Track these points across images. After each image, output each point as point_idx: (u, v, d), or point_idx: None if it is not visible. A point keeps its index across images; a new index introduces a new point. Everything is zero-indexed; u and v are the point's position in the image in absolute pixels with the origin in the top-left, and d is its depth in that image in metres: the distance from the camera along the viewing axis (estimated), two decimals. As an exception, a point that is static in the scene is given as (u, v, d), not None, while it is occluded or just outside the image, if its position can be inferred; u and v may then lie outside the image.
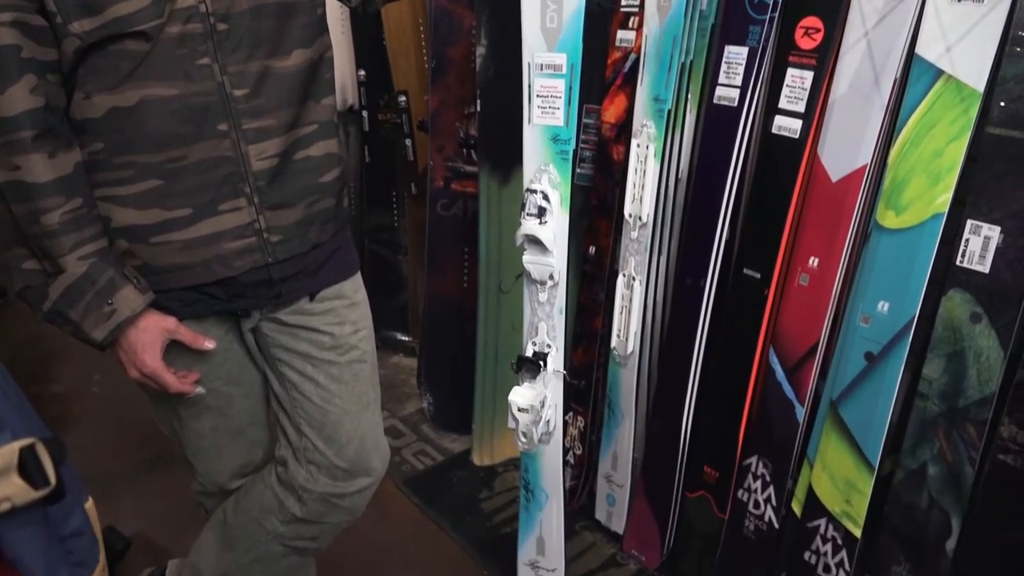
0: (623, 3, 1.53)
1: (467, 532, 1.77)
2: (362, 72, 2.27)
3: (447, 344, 2.09)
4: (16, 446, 0.50)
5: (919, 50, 1.15)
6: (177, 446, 1.22)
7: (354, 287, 1.19)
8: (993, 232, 1.13)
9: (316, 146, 1.08)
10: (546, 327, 1.29)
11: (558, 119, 1.20)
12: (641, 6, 1.47)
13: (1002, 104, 1.11)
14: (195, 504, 1.32)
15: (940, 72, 1.13)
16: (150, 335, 1.02)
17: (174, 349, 1.07)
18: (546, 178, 1.22)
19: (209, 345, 1.07)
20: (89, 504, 0.69)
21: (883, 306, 1.21)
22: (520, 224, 1.23)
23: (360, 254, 2.31)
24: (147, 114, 0.95)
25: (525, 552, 1.49)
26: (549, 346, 1.29)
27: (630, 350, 1.54)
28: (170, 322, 1.03)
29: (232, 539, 1.23)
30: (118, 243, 1.01)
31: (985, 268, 1.14)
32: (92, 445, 2.11)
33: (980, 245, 1.14)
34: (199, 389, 1.10)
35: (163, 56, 0.94)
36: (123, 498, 1.88)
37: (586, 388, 1.73)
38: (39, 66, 0.92)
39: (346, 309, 1.17)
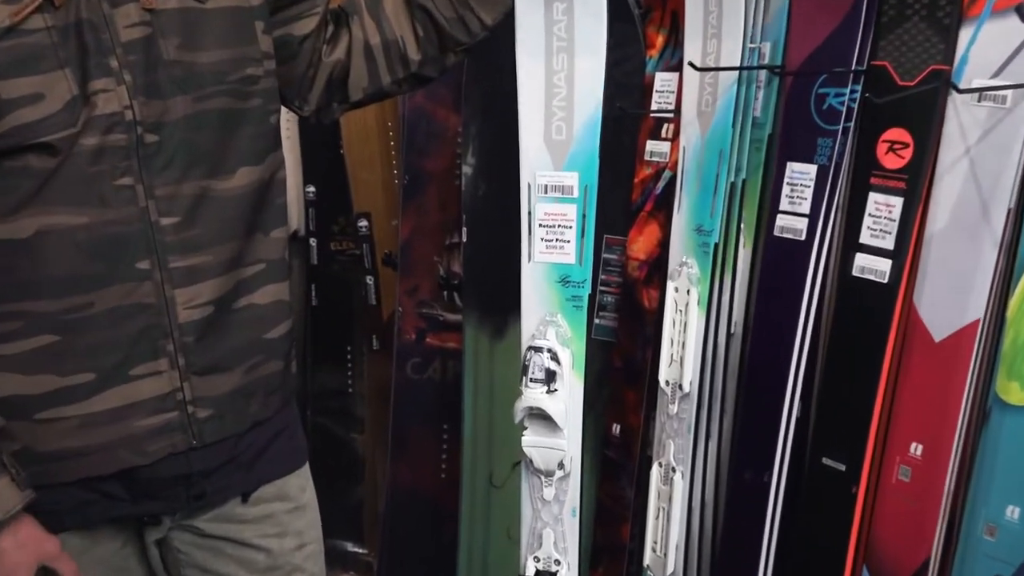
0: (653, 106, 1.62)
1: None
2: (311, 188, 2.34)
3: (416, 558, 2.06)
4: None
5: (1037, 169, 1.20)
6: None
7: (301, 484, 1.22)
8: None
9: (262, 291, 1.13)
10: (553, 535, 1.30)
11: (568, 256, 1.25)
12: (677, 110, 1.55)
13: None
14: None
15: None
16: (25, 555, 1.01)
17: None
18: (554, 332, 1.26)
19: None
20: None
21: (1013, 512, 1.21)
22: (520, 394, 1.25)
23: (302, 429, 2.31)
24: (47, 249, 0.99)
25: None
26: (558, 562, 1.30)
27: (670, 570, 1.53)
28: (51, 545, 1.03)
29: None
30: None
31: None
32: None
33: None
34: None
35: (73, 175, 0.99)
36: None
37: (610, 623, 1.71)
38: None
39: (289, 515, 1.19)
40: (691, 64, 1.45)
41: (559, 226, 1.26)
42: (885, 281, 1.33)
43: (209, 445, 1.11)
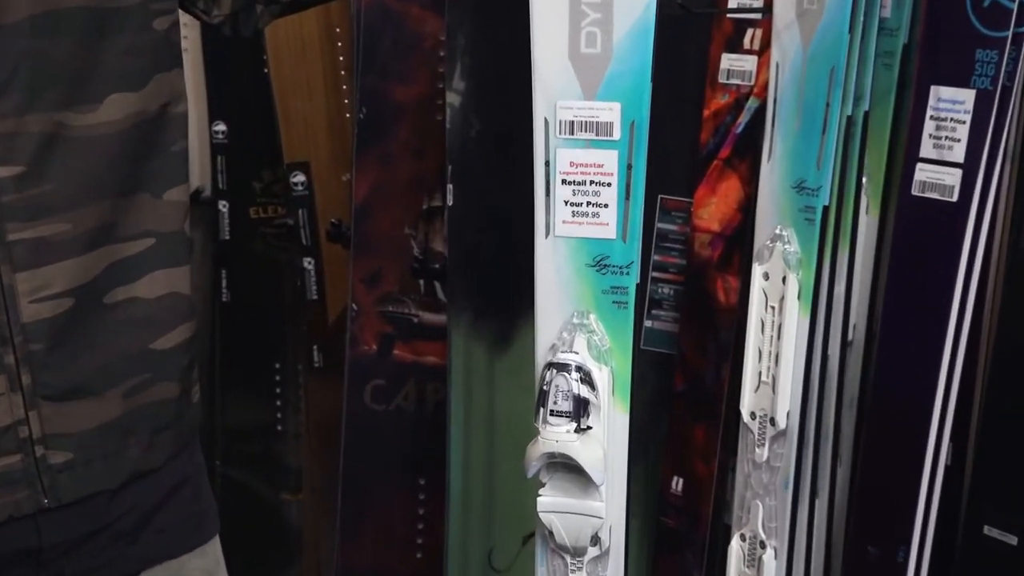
0: (731, 3, 1.61)
1: None
2: (220, 127, 2.34)
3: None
4: None
5: None
6: None
7: (207, 567, 1.25)
8: None
9: (149, 279, 1.14)
10: (585, 642, 1.32)
11: (606, 227, 1.23)
12: (767, 8, 1.54)
13: None
14: None
15: None
16: None
17: None
18: (585, 341, 1.25)
19: None
20: None
21: None
22: (536, 433, 1.24)
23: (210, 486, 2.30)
24: None
25: None
26: None
27: None
28: None
29: None
30: None
31: None
32: None
33: None
34: None
35: None
36: None
37: None
38: None
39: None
40: (787, -61, 1.46)
41: (592, 183, 1.23)
42: (1077, 263, 1.35)
43: (68, 506, 1.11)
